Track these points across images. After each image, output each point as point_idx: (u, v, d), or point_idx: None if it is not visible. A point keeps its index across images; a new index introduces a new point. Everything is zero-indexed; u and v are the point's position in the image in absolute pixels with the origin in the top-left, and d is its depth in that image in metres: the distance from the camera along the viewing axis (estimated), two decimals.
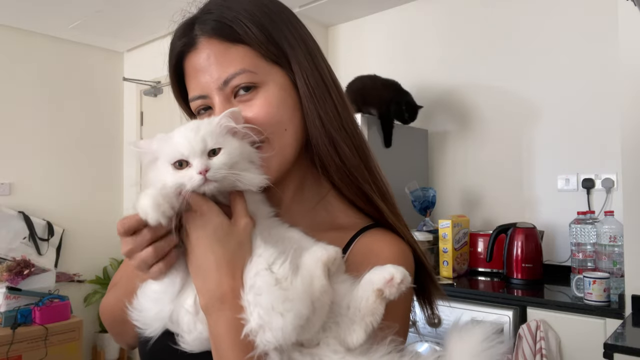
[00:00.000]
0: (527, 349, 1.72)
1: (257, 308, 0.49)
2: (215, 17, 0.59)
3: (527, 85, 2.49)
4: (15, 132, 3.27)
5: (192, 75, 0.61)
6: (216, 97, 0.59)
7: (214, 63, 0.58)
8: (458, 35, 2.75)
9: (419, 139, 2.75)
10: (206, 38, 0.59)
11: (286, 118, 0.60)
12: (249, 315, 0.50)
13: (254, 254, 0.53)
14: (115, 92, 3.82)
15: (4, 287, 2.67)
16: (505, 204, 2.53)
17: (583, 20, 2.32)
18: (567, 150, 2.35)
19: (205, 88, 0.59)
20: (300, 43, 0.63)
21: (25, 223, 3.16)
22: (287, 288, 0.49)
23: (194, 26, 0.62)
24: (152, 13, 3.07)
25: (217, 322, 0.51)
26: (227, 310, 0.51)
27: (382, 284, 0.52)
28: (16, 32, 3.28)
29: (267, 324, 0.48)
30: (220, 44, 0.59)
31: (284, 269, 0.50)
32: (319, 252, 0.52)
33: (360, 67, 3.19)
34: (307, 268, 0.51)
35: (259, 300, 0.49)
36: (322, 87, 0.63)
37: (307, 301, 0.49)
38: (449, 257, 2.23)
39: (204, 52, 0.59)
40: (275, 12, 0.62)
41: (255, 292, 0.50)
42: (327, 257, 0.51)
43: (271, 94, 0.59)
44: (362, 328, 0.52)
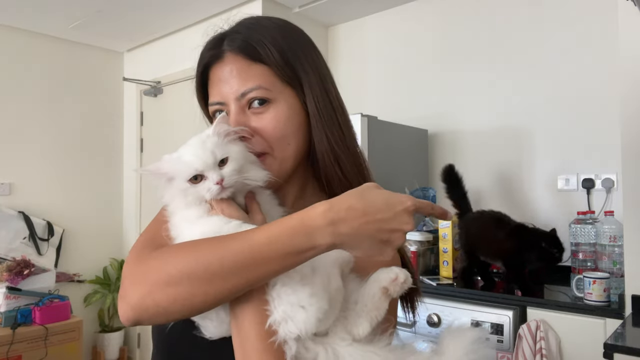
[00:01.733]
0: (527, 349, 1.72)
1: (282, 302, 0.54)
2: (243, 37, 0.68)
3: (527, 84, 2.49)
4: (15, 132, 3.27)
5: (215, 84, 0.69)
6: (233, 105, 0.67)
7: (236, 76, 0.67)
8: (458, 34, 2.75)
9: (419, 139, 2.75)
10: (232, 54, 0.68)
11: (290, 134, 0.68)
12: (274, 308, 0.55)
13: None
14: (115, 92, 3.83)
15: (4, 287, 2.67)
16: (505, 204, 2.53)
17: (583, 19, 2.32)
18: (567, 150, 2.35)
19: (225, 96, 0.67)
20: (313, 69, 0.72)
21: (25, 223, 3.16)
22: (310, 284, 0.55)
23: (223, 41, 0.70)
24: (152, 13, 3.08)
25: (243, 313, 0.56)
26: (254, 302, 0.56)
27: (388, 283, 0.59)
28: (16, 32, 3.28)
29: (291, 317, 0.53)
30: (244, 61, 0.67)
31: (305, 267, 0.55)
32: (334, 253, 0.58)
33: (360, 67, 3.20)
34: (324, 268, 0.57)
35: (284, 295, 0.54)
36: (330, 110, 0.71)
37: (327, 297, 0.54)
38: (449, 257, 2.23)
39: (229, 65, 0.68)
40: (295, 40, 0.72)
41: (280, 287, 0.55)
42: (342, 259, 0.59)
43: (281, 110, 0.67)
44: (368, 321, 0.59)
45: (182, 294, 0.54)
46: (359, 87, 3.19)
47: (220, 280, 0.53)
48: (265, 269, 0.53)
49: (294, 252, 0.53)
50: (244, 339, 0.56)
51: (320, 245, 0.53)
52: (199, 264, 0.54)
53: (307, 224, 0.53)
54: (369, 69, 3.15)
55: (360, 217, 0.53)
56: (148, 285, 0.55)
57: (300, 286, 0.54)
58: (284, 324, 0.54)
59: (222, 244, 0.54)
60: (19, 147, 3.29)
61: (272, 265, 0.53)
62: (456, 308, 1.94)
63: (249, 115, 0.67)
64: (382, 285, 0.59)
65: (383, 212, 0.54)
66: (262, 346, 0.54)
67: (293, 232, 0.53)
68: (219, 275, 0.53)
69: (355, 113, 2.28)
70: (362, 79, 3.17)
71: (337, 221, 0.53)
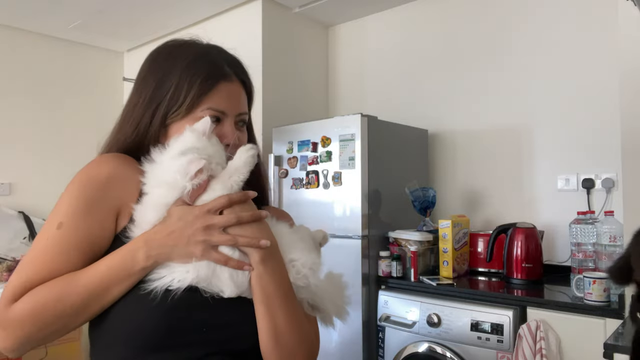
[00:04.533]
0: (527, 349, 1.72)
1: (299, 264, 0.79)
2: (242, 71, 0.89)
3: (527, 84, 2.49)
4: (15, 132, 3.27)
5: (224, 96, 0.83)
6: (230, 118, 0.84)
7: (241, 99, 0.87)
8: (458, 34, 2.75)
9: (419, 139, 2.75)
10: (240, 81, 0.87)
11: None
12: (294, 268, 0.79)
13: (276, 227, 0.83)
14: (115, 92, 3.83)
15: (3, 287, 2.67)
16: (505, 204, 2.54)
17: (583, 19, 2.32)
18: (567, 150, 2.36)
19: (229, 109, 0.83)
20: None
21: (25, 223, 3.16)
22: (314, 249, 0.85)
23: (221, 63, 0.85)
24: (152, 13, 3.08)
25: (274, 268, 0.75)
26: (277, 258, 0.77)
27: (321, 239, 0.89)
28: (16, 32, 3.28)
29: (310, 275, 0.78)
30: (243, 91, 0.88)
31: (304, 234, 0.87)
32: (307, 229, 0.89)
33: (360, 67, 3.20)
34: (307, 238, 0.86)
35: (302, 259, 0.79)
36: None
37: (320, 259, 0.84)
38: (449, 257, 2.23)
39: (237, 87, 0.86)
40: None
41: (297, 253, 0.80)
42: (312, 233, 0.89)
43: (247, 133, 0.91)
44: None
45: (59, 331, 0.70)
46: (359, 87, 3.19)
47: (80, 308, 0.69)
48: (111, 292, 0.69)
49: (126, 275, 0.69)
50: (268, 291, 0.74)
51: (144, 263, 0.69)
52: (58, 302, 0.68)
53: (131, 248, 0.70)
54: (369, 69, 3.15)
55: (164, 234, 0.70)
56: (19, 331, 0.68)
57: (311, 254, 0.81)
58: (302, 279, 0.77)
59: (73, 279, 0.69)
60: (19, 147, 3.29)
61: (117, 288, 0.69)
62: (456, 308, 1.94)
63: (236, 129, 0.86)
64: (318, 241, 0.89)
65: (176, 224, 0.71)
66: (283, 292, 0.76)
67: (123, 258, 0.70)
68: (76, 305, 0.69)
69: (355, 113, 2.29)
70: (362, 79, 3.17)
71: (149, 241, 0.70)
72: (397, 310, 2.13)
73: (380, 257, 2.28)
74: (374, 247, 2.30)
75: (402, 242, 2.30)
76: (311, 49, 3.23)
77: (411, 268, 2.22)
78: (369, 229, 2.28)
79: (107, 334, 0.72)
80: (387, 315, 2.16)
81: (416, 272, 2.21)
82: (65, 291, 0.68)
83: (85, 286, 0.68)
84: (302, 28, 3.16)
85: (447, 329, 1.94)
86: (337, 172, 2.33)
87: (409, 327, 2.06)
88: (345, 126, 2.30)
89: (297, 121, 2.60)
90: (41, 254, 0.71)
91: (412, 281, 2.19)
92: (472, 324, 1.88)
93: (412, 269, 2.22)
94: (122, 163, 0.79)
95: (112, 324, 0.71)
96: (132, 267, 0.69)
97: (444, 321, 1.95)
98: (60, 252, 0.70)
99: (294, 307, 0.77)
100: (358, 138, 2.26)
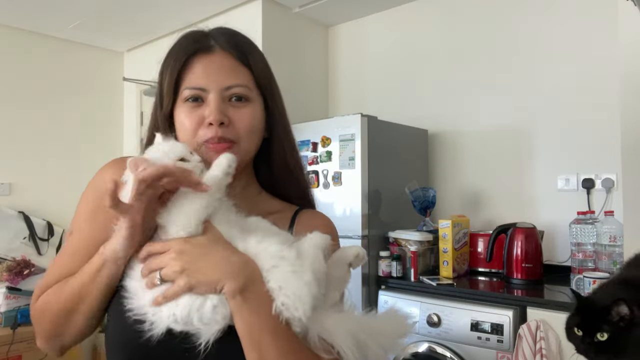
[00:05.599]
0: (527, 349, 1.72)
1: (281, 293, 0.62)
2: (236, 41, 0.78)
3: (527, 84, 2.49)
4: (15, 132, 3.27)
5: (199, 71, 0.74)
6: (214, 94, 0.74)
7: (226, 71, 0.75)
8: (458, 34, 2.75)
9: (419, 139, 2.75)
10: (223, 50, 0.76)
11: (257, 131, 0.80)
12: (276, 298, 0.62)
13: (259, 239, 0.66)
14: (115, 92, 3.82)
15: (4, 287, 2.67)
16: (505, 204, 2.54)
17: (583, 19, 2.32)
18: (567, 150, 2.35)
19: (209, 84, 0.74)
20: (276, 86, 0.84)
21: (25, 223, 3.16)
22: (301, 271, 0.63)
23: (208, 38, 0.77)
24: (152, 13, 3.07)
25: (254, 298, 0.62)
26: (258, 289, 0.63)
27: (352, 258, 0.73)
28: (16, 32, 3.28)
29: (291, 305, 0.61)
30: (234, 60, 0.76)
31: (292, 253, 0.64)
32: (317, 239, 0.68)
33: (360, 67, 3.20)
34: (309, 253, 0.66)
35: (282, 286, 0.62)
36: (287, 125, 0.86)
37: (317, 282, 0.63)
38: (449, 257, 2.23)
39: (218, 58, 0.75)
40: (267, 63, 0.83)
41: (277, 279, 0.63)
42: (324, 243, 0.68)
43: (255, 110, 0.78)
44: (338, 291, 0.71)
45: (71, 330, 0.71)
46: (359, 87, 3.19)
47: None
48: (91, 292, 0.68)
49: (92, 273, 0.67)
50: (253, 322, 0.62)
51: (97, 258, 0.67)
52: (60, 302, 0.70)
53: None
54: (369, 69, 3.15)
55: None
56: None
57: (295, 277, 0.62)
58: (285, 310, 0.62)
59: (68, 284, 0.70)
60: (19, 147, 3.29)
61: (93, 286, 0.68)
62: (456, 308, 1.94)
63: (227, 106, 0.75)
64: (347, 261, 0.73)
65: None
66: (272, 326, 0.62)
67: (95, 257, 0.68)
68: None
69: (355, 113, 2.29)
70: (362, 79, 3.17)
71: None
72: None
73: (380, 257, 2.28)
74: (374, 247, 2.30)
75: (402, 242, 2.30)
76: (311, 49, 3.23)
77: (411, 268, 2.22)
78: (369, 229, 2.28)
79: (107, 341, 0.72)
80: None
81: (416, 272, 2.21)
82: (60, 291, 0.71)
83: (72, 286, 0.69)
84: (302, 28, 3.16)
85: (447, 329, 1.94)
86: (337, 172, 2.33)
87: None
88: (345, 126, 2.30)
89: (297, 121, 2.60)
90: (58, 258, 0.76)
91: (412, 281, 2.19)
92: (472, 324, 1.88)
93: (412, 269, 2.22)
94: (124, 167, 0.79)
95: (108, 332, 0.71)
96: (91, 267, 0.68)
97: (444, 321, 1.95)
98: (69, 256, 0.74)
99: (291, 344, 0.63)
100: (358, 138, 2.26)
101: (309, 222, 0.84)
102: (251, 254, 0.65)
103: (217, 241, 0.65)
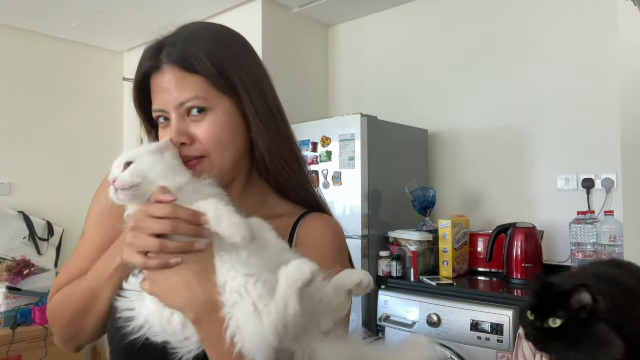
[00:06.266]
0: (527, 349, 1.72)
1: (238, 333, 0.57)
2: (179, 50, 0.72)
3: (527, 84, 2.49)
4: (15, 132, 3.27)
5: (156, 92, 0.73)
6: (173, 113, 0.71)
7: (174, 87, 0.71)
8: (458, 34, 2.75)
9: (419, 139, 2.75)
10: (170, 65, 0.72)
11: (227, 139, 0.73)
12: (235, 336, 0.57)
13: (229, 268, 0.60)
14: (115, 92, 3.82)
15: (4, 287, 2.67)
16: (505, 204, 2.53)
17: (583, 20, 2.32)
18: (567, 150, 2.35)
19: (165, 105, 0.72)
20: (249, 76, 0.75)
21: (25, 223, 3.16)
22: (263, 313, 0.56)
23: (161, 52, 0.73)
24: (152, 13, 3.07)
25: (212, 332, 0.59)
26: (215, 322, 0.58)
27: (353, 286, 0.64)
28: (16, 32, 3.28)
29: (246, 349, 0.56)
30: (181, 72, 0.71)
31: (258, 288, 0.57)
32: (296, 274, 0.57)
33: (360, 67, 3.20)
34: (282, 293, 0.57)
35: (240, 327, 0.57)
36: (269, 114, 0.76)
37: (280, 329, 0.56)
38: (449, 257, 2.23)
39: (167, 75, 0.71)
40: (231, 49, 0.75)
41: (237, 317, 0.57)
42: (302, 282, 0.56)
43: (217, 118, 0.72)
44: (332, 319, 0.63)
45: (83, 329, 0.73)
46: (359, 87, 3.19)
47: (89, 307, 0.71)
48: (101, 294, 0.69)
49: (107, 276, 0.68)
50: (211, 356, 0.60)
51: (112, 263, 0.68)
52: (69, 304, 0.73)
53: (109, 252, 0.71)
54: (369, 69, 3.15)
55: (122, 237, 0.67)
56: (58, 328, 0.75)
57: (253, 321, 0.56)
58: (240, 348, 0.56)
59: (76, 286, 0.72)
60: (19, 147, 3.29)
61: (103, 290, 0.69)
62: (456, 308, 1.94)
63: (188, 122, 0.71)
64: (347, 288, 0.64)
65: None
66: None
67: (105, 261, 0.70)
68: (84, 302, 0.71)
69: (355, 113, 2.29)
70: (362, 79, 3.17)
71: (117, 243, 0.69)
72: (397, 310, 2.13)
73: (380, 257, 2.28)
74: (374, 247, 2.30)
75: (402, 242, 2.30)
76: (311, 49, 3.23)
77: (411, 268, 2.22)
78: (369, 229, 2.28)
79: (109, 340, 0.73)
80: (387, 315, 2.16)
81: (416, 272, 2.21)
82: (71, 292, 0.73)
83: (83, 287, 0.72)
84: (302, 28, 3.16)
85: (447, 329, 1.94)
86: (337, 172, 2.33)
87: (409, 327, 2.06)
88: (345, 126, 2.30)
89: (297, 121, 2.59)
90: (70, 258, 0.78)
91: (412, 281, 2.20)
92: (472, 324, 1.88)
93: (412, 269, 2.22)
94: None
95: (109, 331, 0.72)
96: (106, 270, 0.69)
97: (444, 321, 1.95)
98: (80, 258, 0.76)
99: None
100: (358, 138, 2.26)
101: (312, 227, 0.79)
102: (220, 282, 0.60)
103: (198, 262, 0.61)
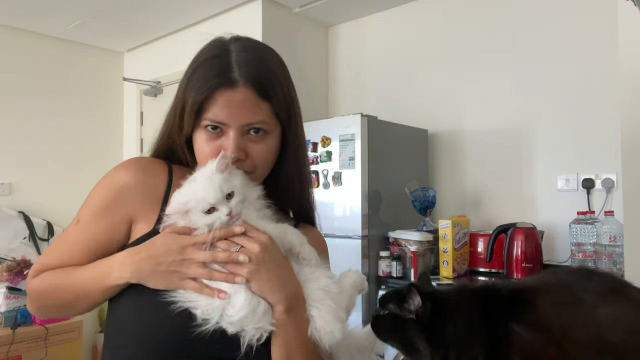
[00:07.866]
0: None
1: (319, 322, 0.73)
2: (254, 74, 0.76)
3: (527, 84, 2.49)
4: (15, 132, 3.27)
5: (222, 105, 0.75)
6: (234, 131, 0.76)
7: (247, 108, 0.75)
8: (458, 34, 2.75)
9: (419, 139, 2.75)
10: (244, 84, 0.75)
11: (271, 161, 0.83)
12: (313, 324, 0.73)
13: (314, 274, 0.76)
14: (115, 92, 3.83)
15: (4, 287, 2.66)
16: (505, 204, 2.53)
17: (583, 20, 2.32)
18: (567, 150, 2.35)
19: (231, 120, 0.75)
20: (297, 107, 0.86)
21: (25, 223, 3.16)
22: (338, 308, 0.74)
23: (231, 67, 0.76)
24: (152, 13, 3.08)
25: (297, 318, 0.72)
26: (301, 312, 0.73)
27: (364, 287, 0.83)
28: (16, 32, 3.28)
29: (322, 335, 0.72)
30: (255, 96, 0.76)
31: (334, 288, 0.76)
32: (357, 279, 0.81)
33: (360, 67, 3.20)
34: (347, 291, 0.78)
35: (322, 316, 0.73)
36: (302, 142, 0.88)
37: (347, 319, 0.76)
38: (449, 257, 2.23)
39: (241, 95, 0.75)
40: (288, 76, 0.85)
41: (319, 310, 0.73)
42: (362, 287, 0.82)
43: (271, 143, 0.80)
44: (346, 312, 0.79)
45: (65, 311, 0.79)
46: (359, 87, 3.19)
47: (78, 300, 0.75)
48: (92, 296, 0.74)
49: (101, 287, 0.72)
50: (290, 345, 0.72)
51: (115, 282, 0.71)
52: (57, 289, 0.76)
53: (109, 263, 0.72)
54: (369, 69, 3.15)
55: (143, 256, 0.70)
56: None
57: (332, 314, 0.73)
58: (319, 333, 0.73)
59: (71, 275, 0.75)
60: (19, 147, 3.29)
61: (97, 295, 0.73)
62: None
63: (246, 140, 0.77)
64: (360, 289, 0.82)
65: (158, 250, 0.70)
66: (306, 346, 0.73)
67: (101, 271, 0.72)
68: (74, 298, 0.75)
69: (355, 113, 2.29)
70: (362, 78, 3.17)
71: (125, 261, 0.71)
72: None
73: (380, 257, 2.28)
74: (374, 247, 2.30)
75: (402, 242, 2.30)
76: (311, 49, 3.23)
77: (411, 268, 2.22)
78: (369, 229, 2.28)
79: (120, 335, 0.73)
80: None
81: (416, 272, 2.21)
82: (59, 283, 0.75)
83: (73, 285, 0.74)
84: (302, 28, 3.16)
85: None
86: (337, 172, 2.33)
87: None
88: (345, 126, 2.30)
89: None
90: (59, 242, 0.80)
91: (412, 281, 2.19)
92: None
93: (412, 269, 2.22)
94: (143, 169, 0.81)
95: (126, 324, 0.72)
96: (104, 281, 0.72)
97: None
98: (70, 246, 0.77)
99: (313, 357, 0.74)
100: (358, 138, 2.26)
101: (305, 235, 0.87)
102: (301, 279, 0.75)
103: (282, 266, 0.73)
